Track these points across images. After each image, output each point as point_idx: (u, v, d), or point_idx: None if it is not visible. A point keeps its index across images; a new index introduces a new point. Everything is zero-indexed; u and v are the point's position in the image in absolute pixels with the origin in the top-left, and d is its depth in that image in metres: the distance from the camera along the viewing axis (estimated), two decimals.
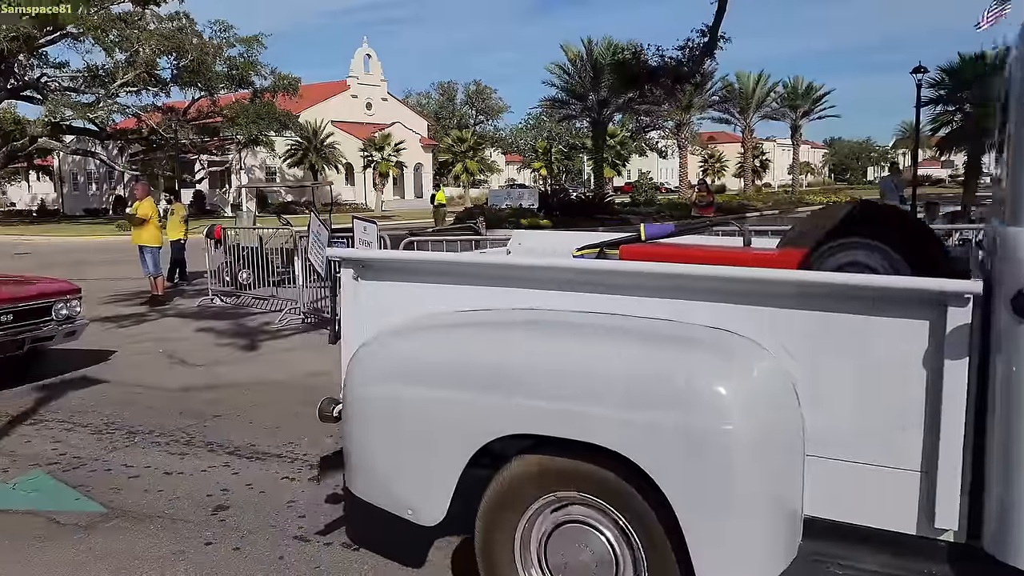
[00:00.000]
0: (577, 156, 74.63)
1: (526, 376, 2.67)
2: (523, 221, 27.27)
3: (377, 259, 3.54)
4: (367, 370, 3.07)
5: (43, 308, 7.50)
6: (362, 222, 9.15)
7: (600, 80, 40.68)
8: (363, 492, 3.15)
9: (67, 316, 7.70)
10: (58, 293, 7.71)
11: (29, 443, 5.62)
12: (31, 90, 41.94)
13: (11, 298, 7.25)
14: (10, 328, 7.15)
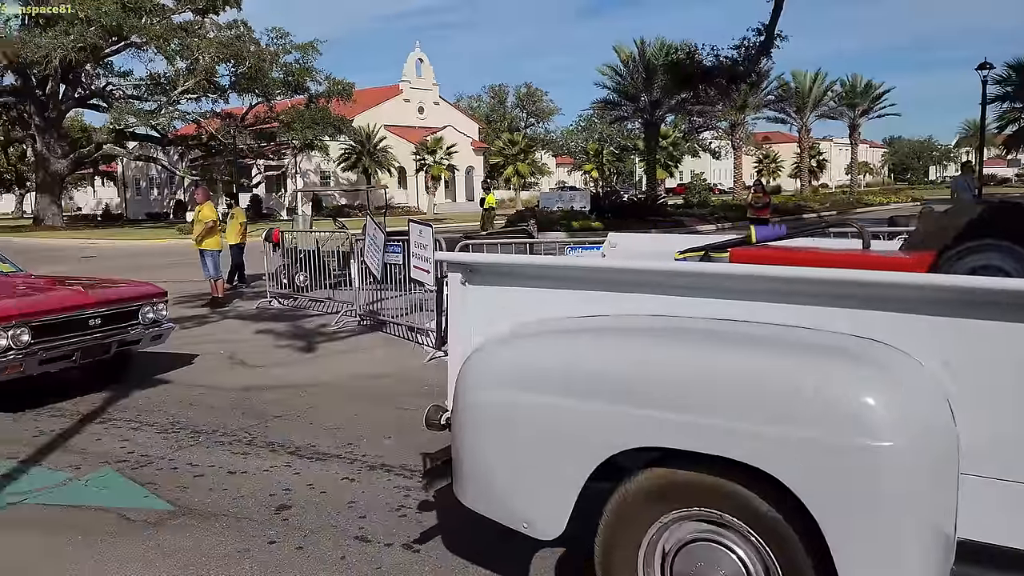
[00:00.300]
0: (629, 158, 74.12)
1: (658, 386, 2.52)
2: (575, 224, 27.21)
3: (486, 263, 3.40)
4: (483, 376, 2.96)
5: (130, 312, 7.43)
6: (418, 225, 9.23)
7: (653, 81, 40.36)
8: (474, 502, 3.05)
9: (154, 320, 7.62)
10: (145, 296, 7.64)
11: (99, 441, 5.79)
12: (97, 98, 43.33)
13: (99, 301, 7.15)
14: (98, 332, 7.06)
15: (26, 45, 34.58)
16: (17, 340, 6.32)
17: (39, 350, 6.48)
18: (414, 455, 5.24)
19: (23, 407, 6.67)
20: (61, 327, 6.72)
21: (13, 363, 6.29)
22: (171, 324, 8.01)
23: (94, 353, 7.00)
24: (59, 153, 41.70)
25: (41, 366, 6.57)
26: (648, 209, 30.58)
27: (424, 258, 8.87)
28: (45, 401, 6.87)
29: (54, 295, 7.07)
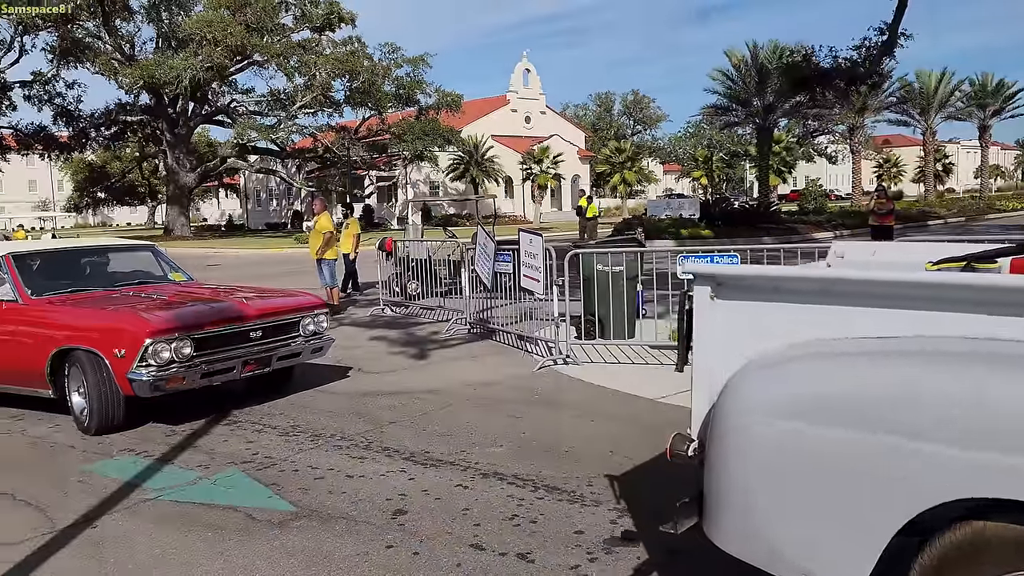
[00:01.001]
0: (739, 164, 72.43)
1: (1007, 423, 2.09)
2: (683, 231, 26.74)
3: (743, 275, 3.07)
4: (755, 404, 2.60)
5: (291, 323, 7.21)
6: (528, 234, 9.27)
7: (766, 85, 39.31)
8: (732, 545, 2.70)
9: (314, 332, 7.39)
10: (306, 307, 7.40)
11: (226, 442, 6.06)
12: (222, 115, 45.67)
13: (260, 313, 6.96)
14: (258, 344, 6.88)
15: (160, 67, 36.83)
16: (180, 352, 6.23)
17: (201, 363, 6.41)
18: (526, 464, 5.25)
19: (158, 409, 7.04)
20: (223, 340, 6.62)
21: (176, 376, 6.23)
22: (331, 337, 7.82)
23: (255, 366, 6.85)
24: (187, 167, 44.18)
25: (203, 379, 6.50)
26: (761, 216, 29.70)
27: (534, 267, 8.90)
28: (174, 402, 7.23)
29: (216, 307, 6.96)
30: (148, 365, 6.08)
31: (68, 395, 6.54)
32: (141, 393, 6.11)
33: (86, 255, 8.31)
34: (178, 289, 7.74)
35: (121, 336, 6.13)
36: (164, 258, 8.54)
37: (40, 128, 44.36)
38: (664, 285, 8.56)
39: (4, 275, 7.05)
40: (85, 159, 60.91)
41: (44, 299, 6.94)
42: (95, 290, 7.38)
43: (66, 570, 3.97)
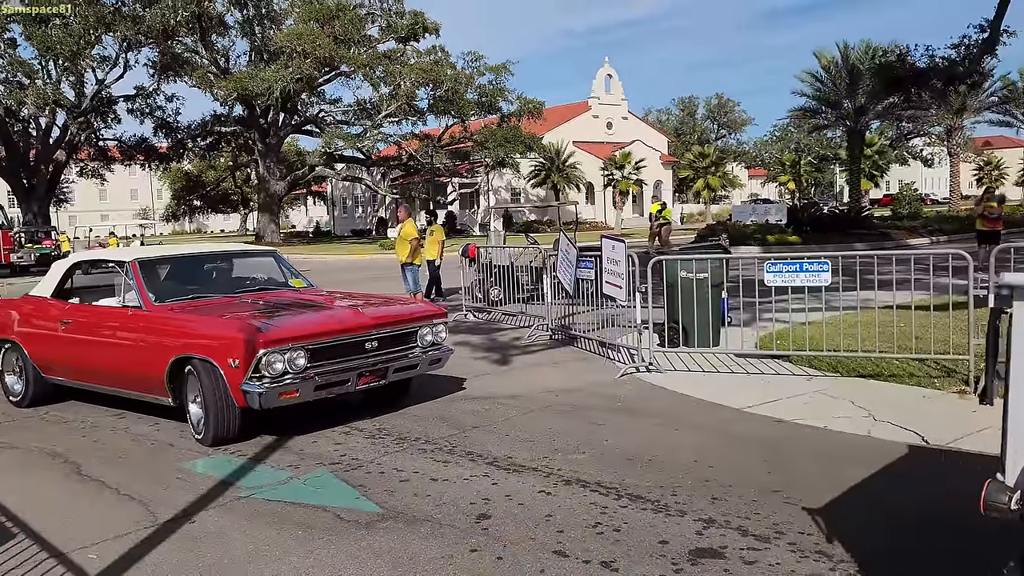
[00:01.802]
0: (828, 168, 70.35)
1: None
2: (769, 238, 26.14)
3: None
4: None
5: (408, 334, 6.89)
6: (610, 240, 9.23)
7: (857, 86, 38.09)
8: None
9: (432, 343, 7.05)
10: (424, 317, 7.08)
11: (315, 443, 6.22)
12: (311, 125, 47.03)
13: (376, 323, 6.63)
14: (374, 355, 6.57)
15: (252, 79, 38.18)
16: (293, 364, 6.02)
17: (315, 375, 6.16)
18: (609, 471, 5.22)
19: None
20: (338, 350, 6.33)
21: (289, 388, 5.99)
22: (450, 348, 7.46)
23: (371, 378, 6.56)
24: (278, 175, 45.62)
25: (317, 392, 6.22)
26: (851, 222, 28.77)
27: (616, 273, 8.85)
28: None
29: (331, 315, 6.70)
30: (261, 376, 5.91)
31: (185, 404, 6.46)
32: (254, 405, 5.95)
33: (210, 261, 8.28)
34: (296, 296, 7.53)
35: (234, 345, 5.96)
36: (285, 264, 8.40)
37: (142, 140, 46.56)
38: (750, 292, 8.38)
39: (130, 281, 7.03)
40: (182, 169, 63.61)
41: (166, 306, 6.87)
42: (216, 297, 7.30)
43: (167, 563, 4.14)
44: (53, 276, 8.09)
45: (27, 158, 41.25)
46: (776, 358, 8.28)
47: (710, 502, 4.63)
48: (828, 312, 8.46)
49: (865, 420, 6.16)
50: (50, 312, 7.70)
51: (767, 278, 7.87)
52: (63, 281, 7.99)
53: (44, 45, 35.72)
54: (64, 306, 7.69)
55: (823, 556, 3.87)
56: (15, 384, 8.02)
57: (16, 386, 8.01)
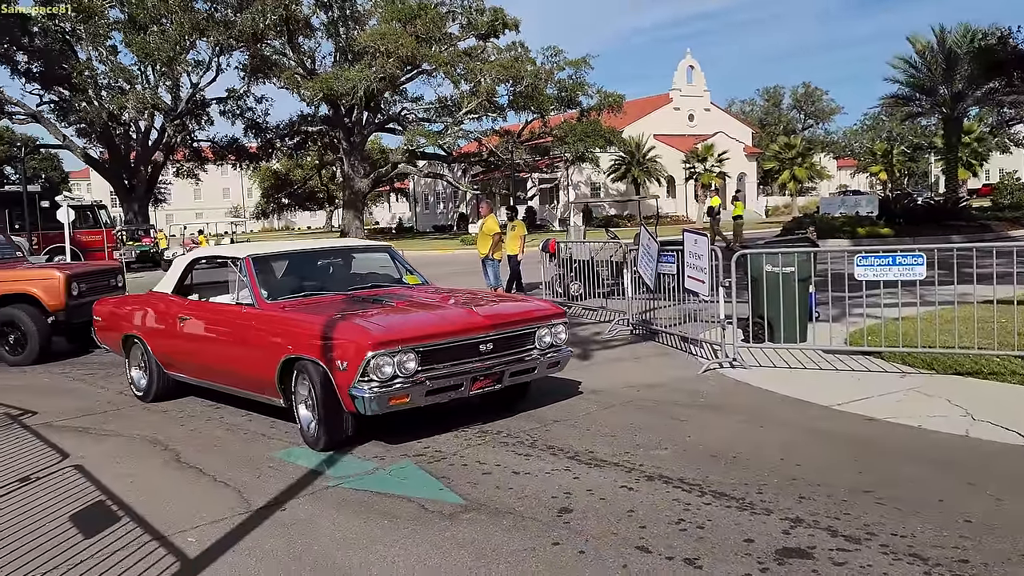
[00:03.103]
0: (923, 157, 67.59)
1: None
2: (860, 230, 25.31)
3: None
4: None
5: (526, 335, 6.45)
6: (692, 235, 9.10)
7: (954, 71, 36.41)
8: None
9: (551, 344, 6.59)
10: (543, 316, 6.62)
11: (399, 435, 6.34)
12: (393, 123, 47.83)
13: (492, 323, 6.22)
14: (490, 358, 6.15)
15: (337, 79, 39.09)
16: (403, 367, 5.68)
17: (426, 379, 5.82)
18: (692, 468, 5.17)
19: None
20: (450, 353, 5.97)
21: (399, 393, 5.67)
22: (570, 350, 6.95)
23: (486, 383, 6.15)
24: (362, 173, 46.59)
25: (428, 397, 5.87)
26: (948, 213, 27.55)
27: (699, 267, 8.72)
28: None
29: (444, 315, 6.30)
30: (369, 380, 5.61)
31: (295, 407, 6.24)
32: (362, 410, 5.68)
33: (324, 257, 8.11)
34: (408, 294, 7.20)
35: (343, 347, 5.71)
36: (400, 260, 8.17)
37: (233, 140, 48.20)
38: (840, 287, 8.14)
39: (244, 278, 6.91)
40: (271, 168, 65.65)
41: (278, 304, 6.70)
42: (328, 294, 7.07)
43: (260, 548, 4.31)
44: (174, 272, 8.13)
45: (128, 160, 43.26)
46: (867, 354, 8.03)
47: (797, 501, 4.53)
48: (923, 307, 8.15)
49: (963, 419, 5.92)
50: (170, 308, 7.73)
51: (858, 272, 7.63)
52: (183, 277, 8.03)
53: (143, 51, 37.37)
54: (183, 302, 7.72)
55: (917, 559, 3.74)
56: (140, 379, 8.17)
57: (141, 381, 8.15)
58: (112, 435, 6.91)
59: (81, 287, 11.13)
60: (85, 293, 11.12)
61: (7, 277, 11.07)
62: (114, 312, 8.66)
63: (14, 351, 10.90)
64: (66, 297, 10.82)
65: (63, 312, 10.84)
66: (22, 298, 10.86)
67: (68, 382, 9.56)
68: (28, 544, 4.46)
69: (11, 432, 7.17)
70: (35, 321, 10.76)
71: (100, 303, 9.00)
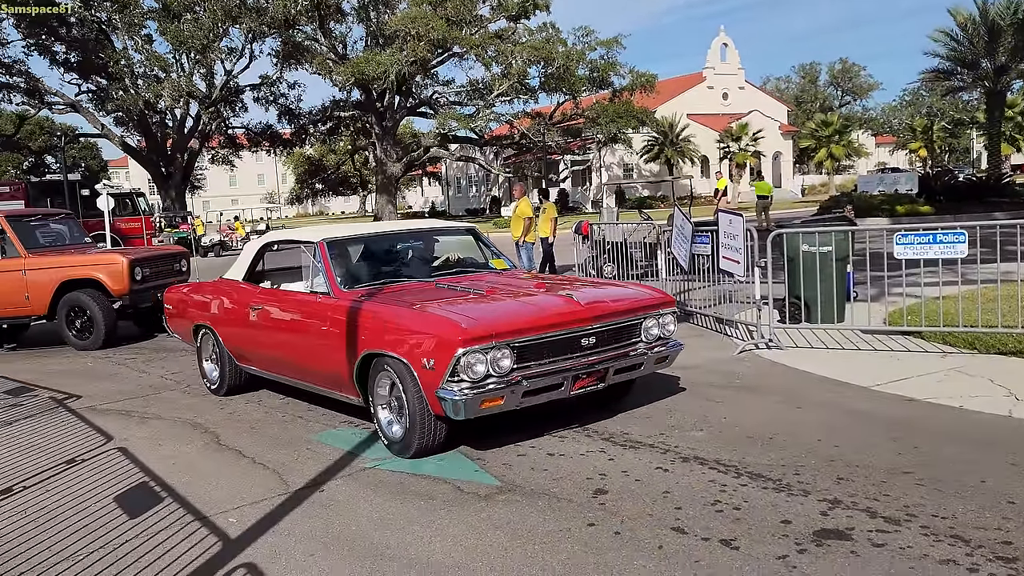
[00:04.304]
0: (964, 133, 66.04)
1: None
2: (899, 208, 24.86)
3: None
4: None
5: (632, 326, 5.75)
6: (727, 215, 9.01)
7: (997, 43, 35.42)
8: None
9: (658, 337, 5.91)
10: (650, 305, 5.91)
11: None
12: (425, 106, 47.85)
13: (595, 313, 5.51)
14: (592, 354, 5.48)
15: (368, 63, 39.16)
16: (497, 365, 5.04)
17: (522, 378, 5.16)
18: (728, 449, 5.14)
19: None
20: (549, 348, 5.30)
21: (492, 395, 5.02)
22: (679, 342, 6.22)
23: (588, 381, 5.50)
24: (394, 157, 46.71)
25: (525, 399, 5.21)
26: (990, 189, 26.92)
27: (734, 248, 8.63)
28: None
29: (541, 305, 5.59)
30: (460, 381, 4.99)
31: (374, 408, 5.69)
32: (452, 414, 5.05)
33: (403, 240, 7.49)
34: (496, 280, 6.51)
35: (428, 342, 5.11)
36: (484, 241, 7.54)
37: (267, 127, 48.58)
38: (878, 266, 8.00)
39: (318, 264, 6.37)
40: (304, 153, 66.12)
41: (355, 292, 6.09)
42: (410, 281, 6.49)
43: (300, 529, 4.38)
44: (245, 258, 7.65)
45: (164, 148, 43.84)
46: (906, 334, 7.90)
47: (835, 482, 4.49)
48: (964, 286, 7.99)
49: (1006, 400, 5.81)
50: (241, 296, 7.24)
51: (897, 250, 7.50)
52: (255, 263, 7.55)
53: (177, 40, 37.77)
54: (255, 290, 7.22)
55: (959, 540, 3.69)
56: (212, 371, 7.77)
57: (213, 373, 7.74)
58: (153, 418, 7.05)
59: (145, 272, 11.24)
60: (149, 278, 11.28)
61: (73, 262, 11.23)
62: (184, 300, 8.23)
63: (81, 335, 11.07)
64: (130, 282, 10.93)
65: (127, 296, 10.97)
66: (88, 283, 11.01)
67: (110, 367, 9.77)
68: (76, 524, 4.59)
69: (57, 415, 7.36)
70: (101, 306, 10.90)
71: (171, 290, 8.61)
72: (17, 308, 11.18)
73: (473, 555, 3.90)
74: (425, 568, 3.81)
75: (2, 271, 11.10)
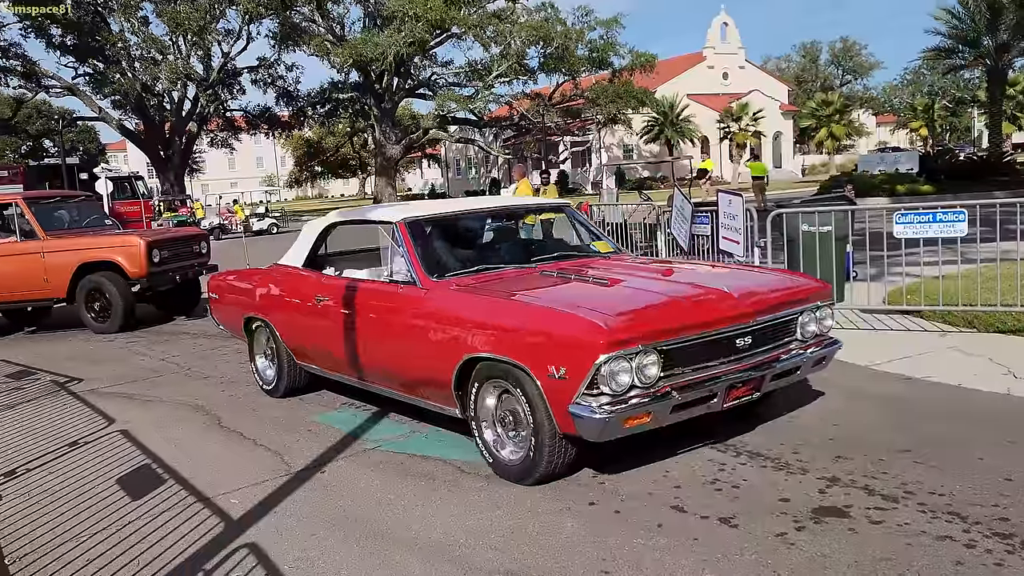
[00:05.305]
0: (965, 112, 65.75)
1: None
2: (899, 188, 24.82)
3: None
4: None
5: (788, 322, 4.75)
6: (727, 195, 9.00)
7: (999, 21, 35.19)
8: None
9: (816, 334, 4.90)
10: (806, 295, 4.89)
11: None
12: (423, 88, 47.63)
13: (755, 309, 4.49)
14: (748, 357, 4.50)
15: (366, 44, 38.97)
16: (643, 374, 4.06)
17: (671, 389, 4.19)
18: (727, 429, 5.16)
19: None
20: (701, 351, 4.32)
21: (637, 411, 4.05)
22: (837, 340, 5.16)
23: (744, 391, 4.52)
24: (393, 140, 46.57)
25: (674, 414, 4.26)
26: (992, 168, 26.88)
27: (734, 228, 8.62)
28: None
29: (689, 298, 4.54)
30: (599, 394, 4.01)
31: (477, 425, 4.73)
32: (588, 435, 4.11)
33: (492, 219, 6.53)
34: (610, 266, 5.52)
35: (559, 346, 4.12)
36: (580, 220, 6.59)
37: (265, 109, 48.44)
38: (878, 246, 8.00)
39: (399, 248, 5.39)
40: (303, 136, 65.92)
41: (447, 282, 5.13)
42: (506, 268, 5.48)
43: (302, 510, 4.41)
44: (305, 241, 6.62)
45: (162, 131, 43.74)
46: (906, 313, 7.91)
47: (834, 461, 4.51)
48: (964, 265, 8.00)
49: (1004, 378, 5.83)
50: (304, 285, 6.26)
51: (897, 230, 7.49)
52: (316, 247, 6.58)
53: (174, 21, 37.56)
54: (319, 278, 6.21)
55: (956, 517, 3.72)
56: (267, 369, 6.89)
57: (268, 372, 6.86)
58: (155, 401, 7.07)
59: (163, 254, 11.14)
60: (167, 260, 11.21)
61: (91, 244, 11.17)
62: (233, 288, 7.27)
63: (100, 318, 11.03)
64: (147, 264, 10.82)
65: (145, 279, 10.89)
66: (106, 266, 10.94)
67: (112, 350, 9.79)
68: (79, 506, 4.62)
69: (58, 399, 7.39)
70: (119, 288, 10.84)
71: (216, 277, 7.78)
72: (37, 291, 11.14)
73: (474, 535, 3.93)
74: (426, 547, 3.84)
75: (22, 253, 11.05)
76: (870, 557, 3.42)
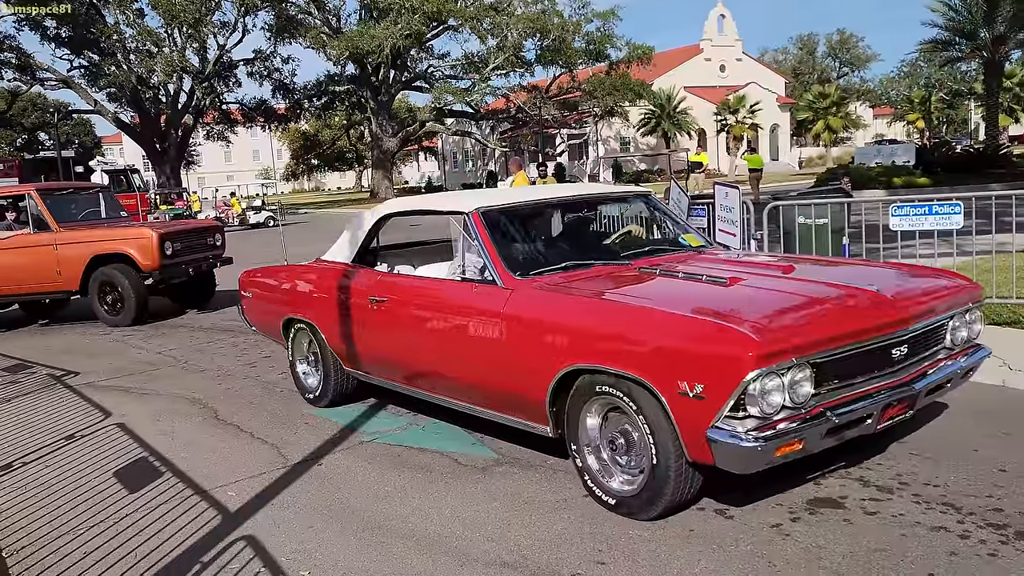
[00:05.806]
0: (962, 104, 65.78)
1: None
2: (895, 180, 24.82)
3: None
4: None
5: (938, 327, 4.13)
6: (724, 188, 8.99)
7: (995, 12, 35.21)
8: None
9: (965, 339, 4.32)
10: (958, 297, 4.26)
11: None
12: (420, 80, 47.55)
13: (912, 313, 3.88)
14: (902, 369, 3.90)
15: (363, 37, 38.88)
16: (795, 392, 3.44)
17: (826, 409, 3.55)
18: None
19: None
20: (855, 364, 3.69)
21: (790, 436, 3.41)
22: (985, 347, 4.53)
23: (899, 409, 3.90)
24: (390, 132, 46.54)
25: (825, 440, 3.61)
26: (988, 160, 26.89)
27: (730, 221, 8.62)
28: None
29: (838, 303, 3.85)
30: (745, 416, 3.38)
31: (579, 451, 4.09)
32: (730, 465, 3.47)
33: (572, 210, 5.72)
34: (719, 263, 4.78)
35: (694, 357, 3.46)
36: (664, 210, 5.96)
37: (261, 102, 48.31)
38: (874, 238, 8.01)
39: (473, 243, 4.71)
40: (299, 129, 65.74)
41: (531, 280, 4.44)
42: (600, 265, 4.73)
43: (299, 502, 4.42)
44: (356, 234, 5.96)
45: (158, 123, 43.62)
46: None
47: (828, 452, 4.52)
48: (960, 257, 8.00)
49: (999, 370, 5.84)
50: (355, 284, 5.59)
51: (893, 222, 7.49)
52: (368, 241, 5.91)
53: (169, 14, 37.43)
54: (374, 276, 5.55)
55: (950, 508, 3.74)
56: (309, 376, 6.29)
57: (310, 379, 6.26)
58: (152, 394, 7.08)
59: (176, 246, 11.07)
60: (180, 252, 11.14)
61: (103, 236, 11.10)
62: (270, 286, 6.60)
63: (113, 311, 10.96)
64: (160, 256, 10.74)
65: (157, 272, 10.83)
66: (119, 258, 10.87)
67: (108, 343, 9.79)
68: (76, 499, 4.63)
69: (55, 392, 7.39)
70: (131, 281, 10.77)
71: (248, 273, 7.01)
72: (50, 283, 11.09)
73: (471, 526, 3.94)
74: (423, 539, 3.85)
75: (35, 246, 11.00)
76: (865, 548, 3.44)
